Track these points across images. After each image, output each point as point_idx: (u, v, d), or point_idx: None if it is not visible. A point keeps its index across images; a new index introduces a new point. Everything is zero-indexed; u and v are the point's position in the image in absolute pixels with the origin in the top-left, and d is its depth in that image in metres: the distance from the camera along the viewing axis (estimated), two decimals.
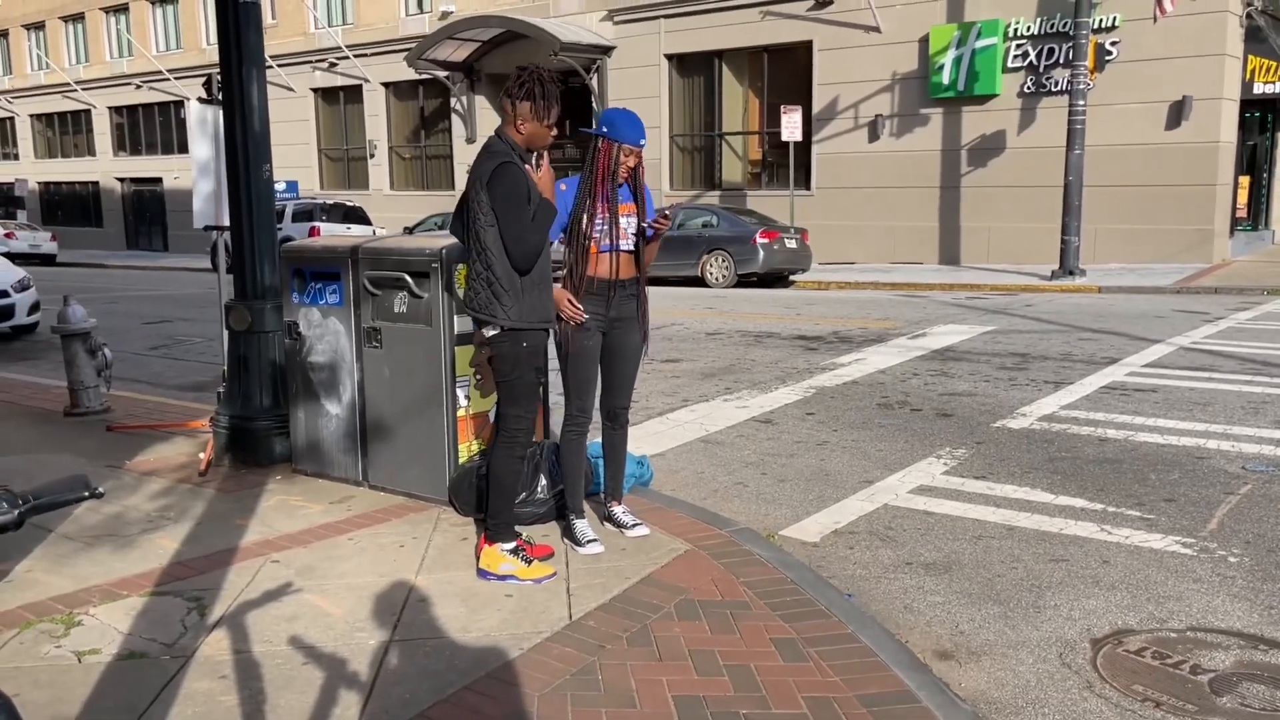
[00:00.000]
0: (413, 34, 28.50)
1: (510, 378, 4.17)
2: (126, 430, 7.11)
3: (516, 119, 4.09)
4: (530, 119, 4.09)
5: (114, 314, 16.04)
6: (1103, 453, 6.17)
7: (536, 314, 4.13)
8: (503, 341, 4.10)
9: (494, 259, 4.03)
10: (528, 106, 4.07)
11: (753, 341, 11.02)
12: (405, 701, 3.16)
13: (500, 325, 4.07)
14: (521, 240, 4.00)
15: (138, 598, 3.99)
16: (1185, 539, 4.72)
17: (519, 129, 4.10)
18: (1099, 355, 9.43)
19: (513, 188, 3.98)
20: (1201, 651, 3.65)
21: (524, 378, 4.18)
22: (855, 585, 4.35)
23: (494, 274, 4.04)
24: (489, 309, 4.07)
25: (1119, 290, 15.63)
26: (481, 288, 4.08)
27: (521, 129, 4.10)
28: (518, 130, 4.10)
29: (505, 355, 4.13)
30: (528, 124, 4.10)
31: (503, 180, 3.98)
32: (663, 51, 24.31)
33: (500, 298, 4.05)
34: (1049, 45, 19.19)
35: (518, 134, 4.11)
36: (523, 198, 4.00)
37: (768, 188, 23.44)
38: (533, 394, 4.29)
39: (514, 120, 4.09)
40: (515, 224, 3.99)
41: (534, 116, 4.09)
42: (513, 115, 4.09)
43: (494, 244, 4.02)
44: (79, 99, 40.69)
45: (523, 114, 4.08)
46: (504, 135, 4.13)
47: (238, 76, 5.85)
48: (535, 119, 4.09)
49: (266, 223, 6.06)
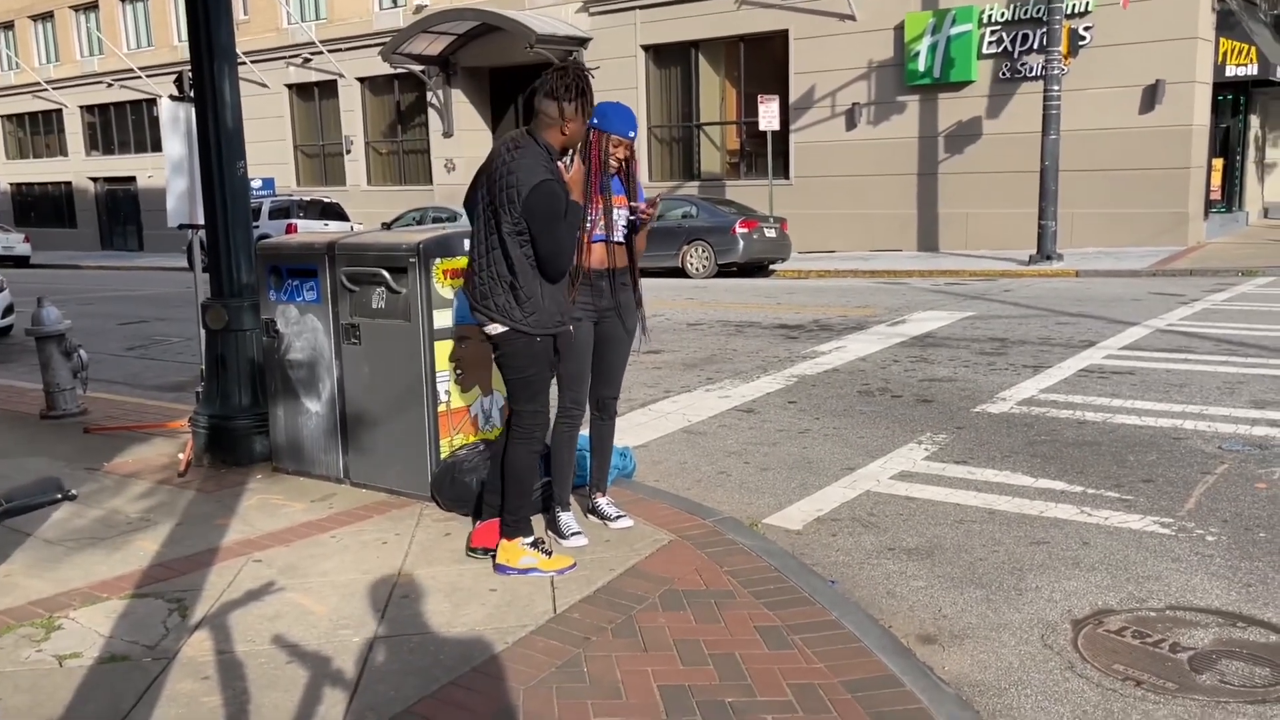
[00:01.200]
0: (387, 28, 28.32)
1: (526, 374, 4.10)
2: (104, 432, 7.05)
3: (564, 120, 3.97)
4: (577, 118, 4.00)
5: (89, 315, 15.90)
6: (1081, 435, 6.22)
7: (553, 318, 4.07)
8: (515, 340, 4.04)
9: (518, 266, 3.94)
10: (575, 107, 3.97)
11: (734, 331, 11.04)
12: (391, 698, 3.16)
13: (517, 328, 4.00)
14: (558, 255, 3.94)
15: (118, 600, 3.97)
16: (1163, 519, 4.77)
17: (564, 130, 3.98)
18: (1076, 339, 9.50)
19: (552, 207, 3.89)
20: (1181, 630, 3.69)
21: (540, 374, 4.12)
22: (838, 572, 4.37)
23: (517, 280, 3.96)
24: (508, 312, 3.99)
25: (1096, 274, 15.74)
26: (503, 290, 3.98)
27: (567, 129, 3.99)
28: (562, 132, 3.99)
29: (519, 353, 4.06)
30: (573, 123, 4.00)
31: (544, 199, 3.87)
32: (639, 42, 24.25)
33: (522, 304, 3.98)
34: (1023, 31, 19.27)
35: (560, 135, 3.99)
36: (560, 214, 3.92)
37: (746, 177, 23.45)
38: (547, 389, 4.23)
39: (561, 122, 3.97)
40: (553, 242, 3.91)
41: (580, 115, 4.01)
42: (559, 117, 3.96)
43: (518, 250, 3.93)
44: (50, 99, 40.21)
45: (570, 114, 3.96)
46: (538, 137, 3.98)
47: (209, 73, 5.80)
48: (582, 117, 4.02)
49: (242, 220, 6.02)
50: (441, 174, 28.46)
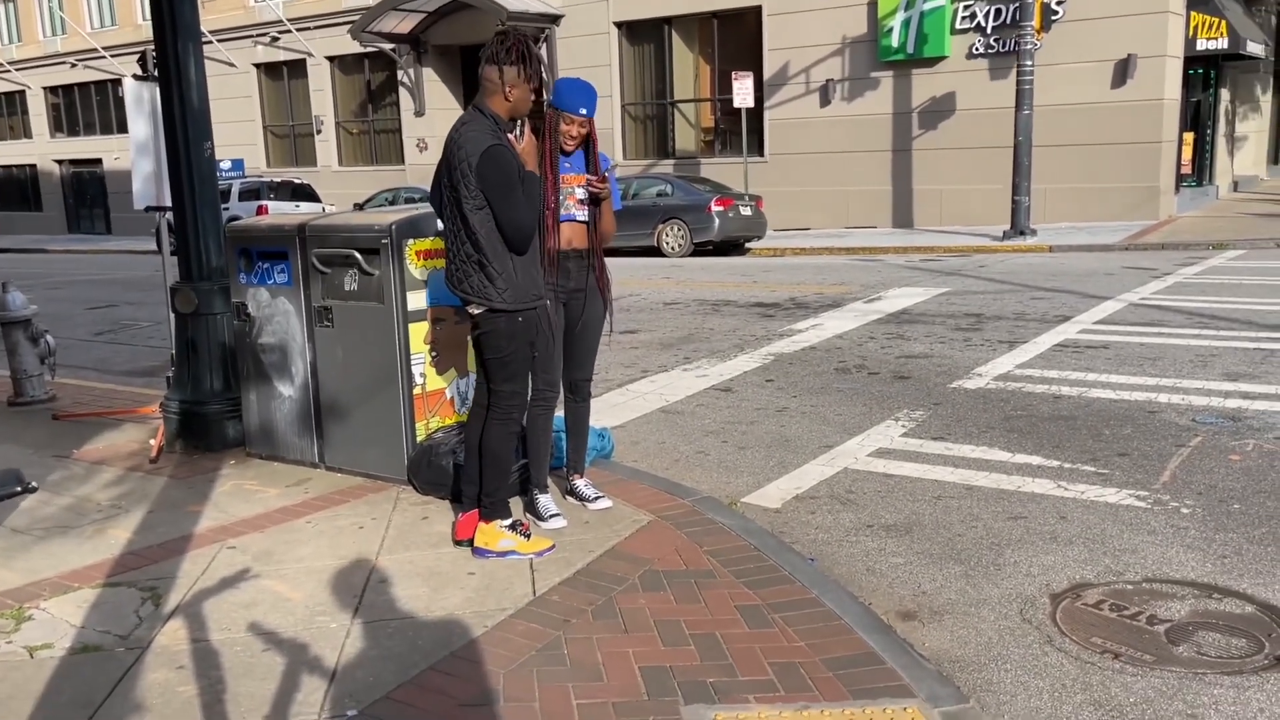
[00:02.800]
0: (357, 6, 27.91)
1: (505, 354, 4.05)
2: (74, 418, 6.95)
3: (505, 85, 3.92)
4: (520, 83, 3.95)
5: (56, 300, 15.66)
6: (1057, 410, 6.25)
7: (529, 292, 4.02)
8: (496, 318, 3.98)
9: (484, 242, 3.88)
10: (516, 71, 3.92)
11: (710, 310, 11.02)
12: (369, 684, 3.12)
13: (496, 306, 3.95)
14: (517, 224, 3.88)
15: (90, 590, 3.90)
16: (1139, 492, 4.80)
17: (508, 95, 3.94)
18: (1051, 314, 9.54)
19: (504, 171, 3.84)
20: (1158, 602, 3.71)
21: (519, 353, 4.08)
22: (818, 549, 4.37)
23: (485, 257, 3.90)
24: (483, 292, 3.94)
25: (1069, 249, 15.82)
26: (473, 270, 3.93)
27: (510, 95, 3.94)
28: (506, 98, 3.94)
29: (500, 331, 4.01)
30: (516, 89, 3.95)
31: (493, 164, 3.82)
32: (612, 19, 24.06)
33: (495, 281, 3.92)
34: (996, 6, 19.26)
35: (505, 102, 3.95)
36: (514, 179, 3.87)
37: (721, 155, 23.37)
38: (527, 369, 4.19)
39: (503, 88, 3.92)
40: (511, 209, 3.86)
41: (524, 80, 3.95)
42: (500, 82, 3.92)
43: (483, 226, 3.87)
44: (12, 80, 39.43)
45: (511, 79, 3.92)
46: (484, 108, 3.95)
47: (174, 51, 5.68)
48: (525, 82, 3.96)
49: (210, 201, 5.92)
50: (414, 153, 28.18)
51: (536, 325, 4.11)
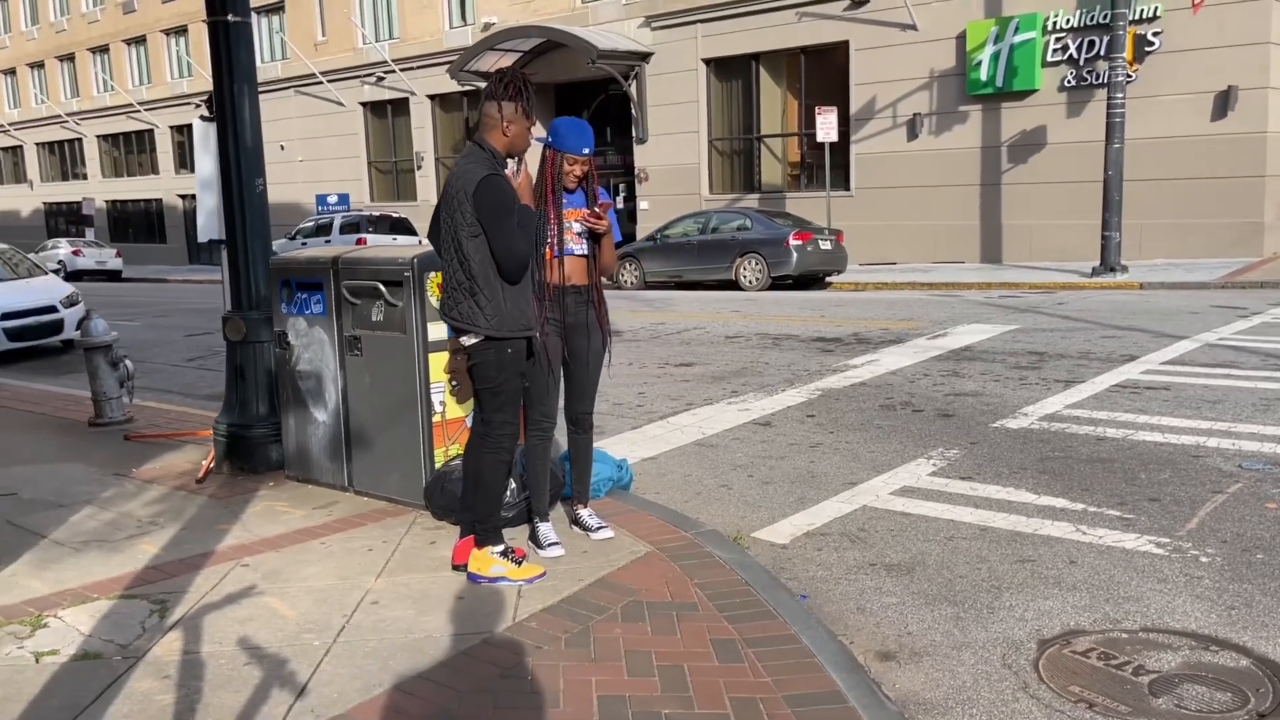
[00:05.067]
0: (456, 46, 28.90)
1: (494, 384, 4.17)
2: (143, 439, 7.35)
3: (504, 121, 4.08)
4: (518, 118, 4.10)
5: (160, 327, 16.53)
6: (1097, 452, 6.05)
7: (518, 322, 4.13)
8: (486, 349, 4.11)
9: (477, 270, 4.02)
10: (514, 107, 4.08)
11: (770, 344, 10.99)
12: (332, 700, 3.24)
13: (482, 334, 4.09)
14: (511, 252, 4.00)
15: (106, 600, 4.14)
16: (1160, 539, 4.62)
17: (506, 131, 4.10)
18: (1118, 353, 9.23)
19: (500, 200, 3.98)
20: (1150, 653, 3.58)
21: (509, 384, 4.19)
22: (814, 586, 4.34)
23: (476, 284, 4.03)
24: (471, 319, 4.06)
25: (1161, 286, 15.26)
26: (463, 297, 4.08)
27: (508, 130, 4.10)
28: (504, 133, 4.10)
29: (489, 362, 4.13)
30: (514, 125, 4.10)
31: (489, 192, 3.97)
32: (700, 56, 24.32)
33: (483, 308, 4.04)
34: (1089, 38, 18.82)
35: (503, 137, 4.11)
36: (510, 207, 4.01)
37: (807, 189, 23.31)
38: (517, 399, 4.30)
39: (502, 123, 4.09)
40: (505, 236, 3.98)
41: (521, 116, 4.11)
42: (500, 119, 4.09)
43: (476, 254, 4.01)
44: (142, 119, 41.96)
45: (509, 115, 4.08)
46: (483, 143, 4.12)
47: (229, 93, 6.02)
48: (524, 119, 4.12)
49: (261, 234, 6.22)
50: None
51: (524, 358, 4.20)
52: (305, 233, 26.28)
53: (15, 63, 49.20)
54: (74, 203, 45.05)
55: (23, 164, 50.49)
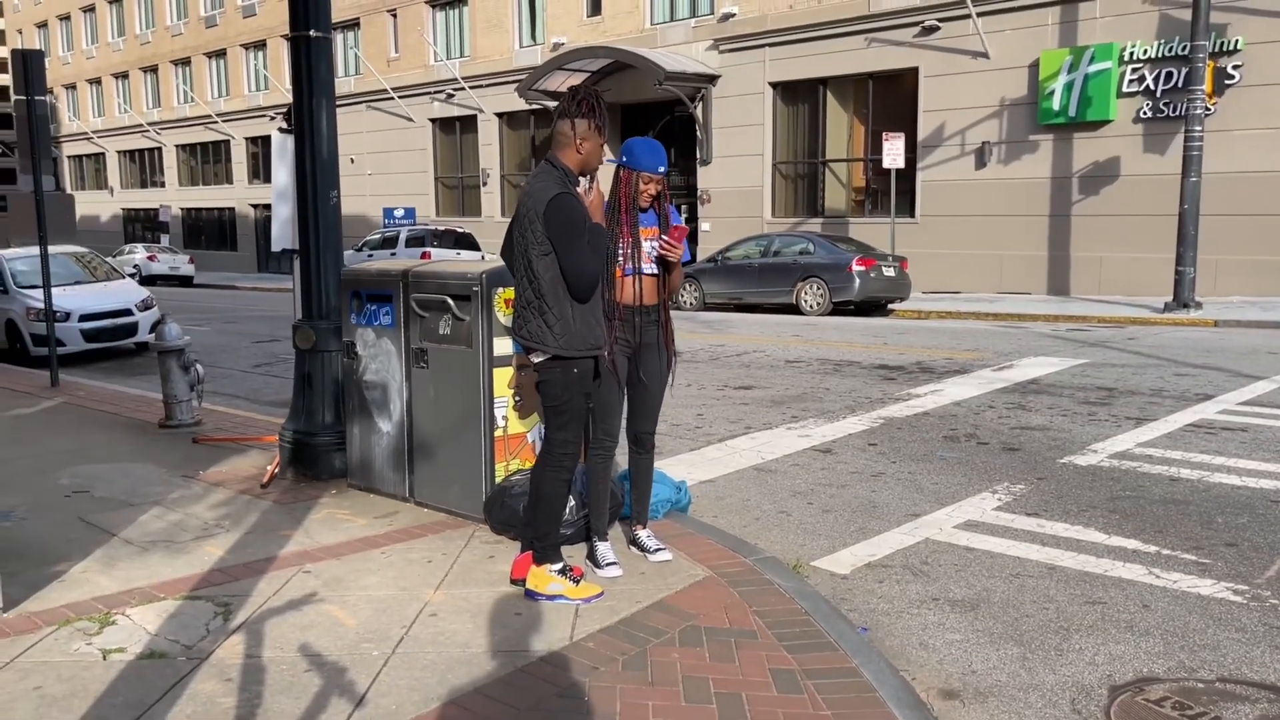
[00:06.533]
0: (525, 65, 29.26)
1: (560, 402, 4.17)
2: (210, 442, 7.49)
3: (577, 138, 4.09)
4: (591, 135, 4.10)
5: (229, 333, 16.89)
6: (1171, 493, 5.88)
7: (586, 341, 4.12)
8: (553, 368, 4.12)
9: (546, 288, 4.03)
10: (588, 124, 4.08)
11: (831, 370, 10.88)
12: (390, 711, 3.25)
13: (550, 352, 4.09)
14: (581, 270, 4.00)
15: (172, 600, 4.21)
16: (1238, 586, 4.46)
17: (579, 149, 4.10)
18: (1192, 391, 8.98)
19: (570, 218, 3.98)
20: (1226, 704, 3.45)
21: (574, 403, 4.19)
22: (875, 619, 4.26)
23: (545, 303, 4.04)
24: (540, 338, 4.07)
25: (1237, 324, 14.84)
26: (532, 316, 4.08)
27: (582, 148, 4.10)
28: (578, 150, 4.11)
29: (555, 381, 4.14)
30: (588, 142, 4.10)
31: (560, 211, 3.98)
32: (767, 79, 24.32)
33: (552, 327, 4.05)
34: (1167, 69, 18.45)
35: (576, 155, 4.11)
36: (580, 228, 4.01)
37: (871, 215, 23.13)
38: (581, 419, 4.30)
39: (575, 141, 4.09)
40: (574, 255, 3.98)
41: (595, 134, 4.11)
42: (573, 136, 4.09)
43: (546, 273, 4.02)
44: (219, 130, 43.11)
45: (582, 132, 4.08)
46: (556, 161, 4.13)
47: (308, 107, 6.14)
48: (597, 136, 4.12)
49: (333, 245, 6.32)
50: None
51: (591, 378, 4.20)
52: (371, 245, 26.73)
53: (101, 73, 50.93)
54: (151, 209, 46.39)
55: (104, 171, 52.17)
